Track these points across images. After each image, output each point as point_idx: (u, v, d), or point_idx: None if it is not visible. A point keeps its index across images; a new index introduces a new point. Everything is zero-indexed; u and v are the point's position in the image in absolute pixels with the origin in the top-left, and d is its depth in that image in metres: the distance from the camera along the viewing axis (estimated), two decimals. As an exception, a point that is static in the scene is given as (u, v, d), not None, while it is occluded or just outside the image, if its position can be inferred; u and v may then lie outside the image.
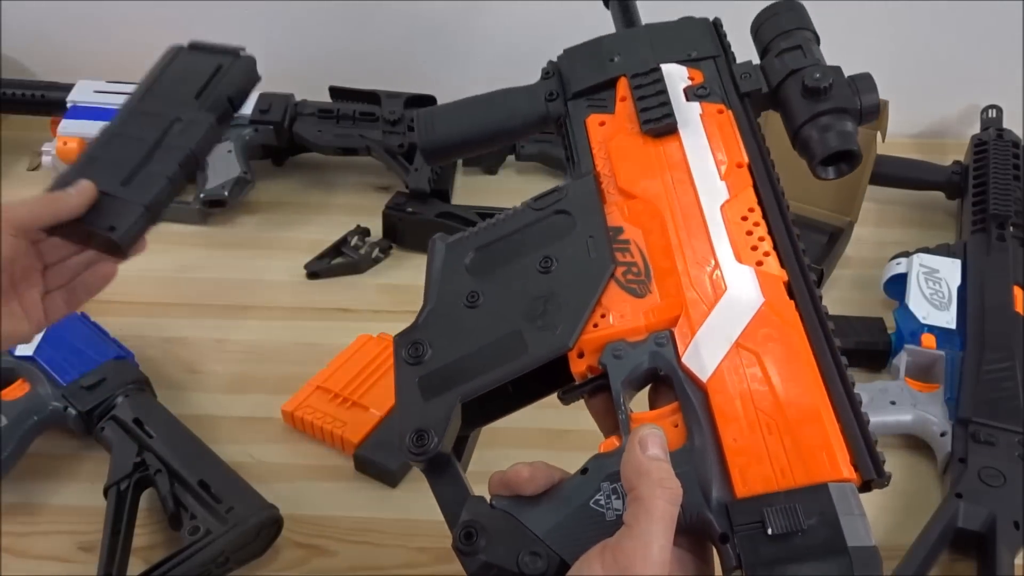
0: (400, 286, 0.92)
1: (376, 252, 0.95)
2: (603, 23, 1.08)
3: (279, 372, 0.82)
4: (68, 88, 1.05)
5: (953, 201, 1.01)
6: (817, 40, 0.56)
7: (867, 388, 0.75)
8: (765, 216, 0.48)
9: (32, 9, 1.12)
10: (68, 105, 1.04)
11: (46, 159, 1.05)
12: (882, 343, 0.81)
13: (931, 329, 0.79)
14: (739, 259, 0.45)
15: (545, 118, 0.56)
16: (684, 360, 0.43)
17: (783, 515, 0.37)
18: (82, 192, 0.60)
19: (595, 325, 0.45)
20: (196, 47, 0.74)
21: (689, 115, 0.51)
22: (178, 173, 0.66)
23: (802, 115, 0.52)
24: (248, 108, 1.04)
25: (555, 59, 0.58)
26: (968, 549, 0.66)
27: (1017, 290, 0.81)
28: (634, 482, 0.39)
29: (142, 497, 0.69)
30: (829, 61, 0.55)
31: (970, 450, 0.69)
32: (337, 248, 0.95)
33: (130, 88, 1.05)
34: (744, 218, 0.47)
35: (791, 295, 0.45)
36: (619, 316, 0.45)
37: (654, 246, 0.47)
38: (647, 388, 0.47)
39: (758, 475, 0.39)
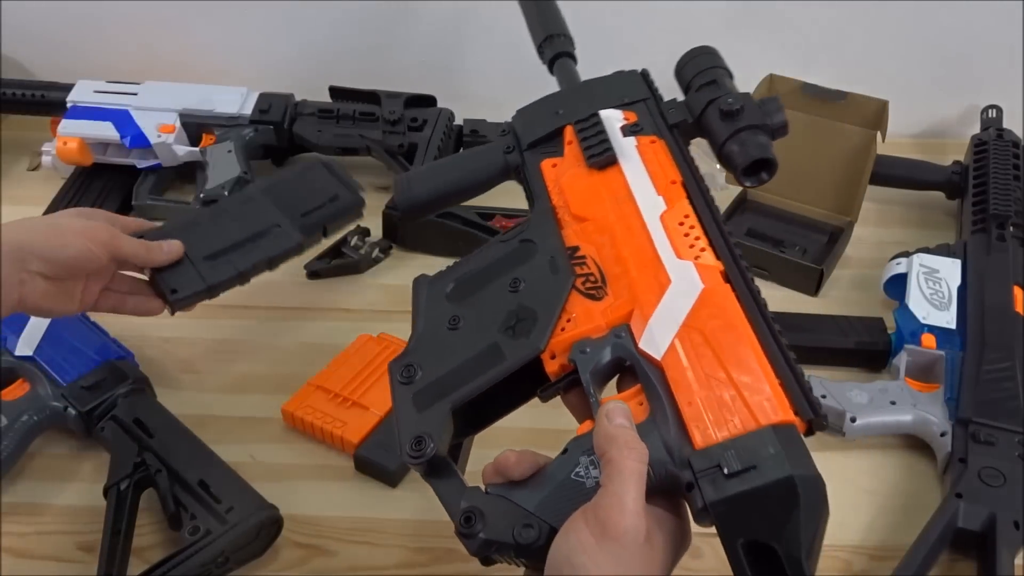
0: (400, 286, 0.91)
1: (376, 252, 0.95)
2: (603, 22, 1.09)
3: (279, 372, 0.82)
4: (68, 88, 1.05)
5: (953, 201, 1.01)
6: (730, 75, 0.65)
7: (867, 388, 0.75)
8: (700, 220, 0.56)
9: (32, 9, 1.12)
10: (68, 105, 1.04)
11: (46, 159, 1.05)
12: (882, 343, 0.81)
13: (931, 329, 0.79)
14: (679, 256, 0.53)
15: (506, 169, 0.65)
16: (641, 346, 0.50)
17: (736, 456, 0.44)
18: (171, 252, 0.71)
19: (562, 329, 0.53)
20: (329, 169, 0.82)
21: (627, 148, 0.61)
22: (249, 271, 0.75)
23: (723, 134, 0.61)
24: (248, 108, 1.04)
25: (510, 120, 0.67)
26: (968, 549, 0.66)
27: (1017, 290, 0.81)
28: (605, 448, 0.45)
29: (142, 497, 0.69)
30: (830, 61, 0.60)
31: (970, 450, 0.69)
32: (337, 248, 0.95)
33: (130, 88, 1.06)
34: (681, 223, 0.55)
35: (728, 280, 0.52)
36: (582, 319, 0.53)
37: (607, 257, 0.55)
38: (616, 381, 0.53)
39: (711, 427, 0.46)
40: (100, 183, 1.03)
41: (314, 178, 0.82)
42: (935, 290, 0.82)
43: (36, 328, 0.78)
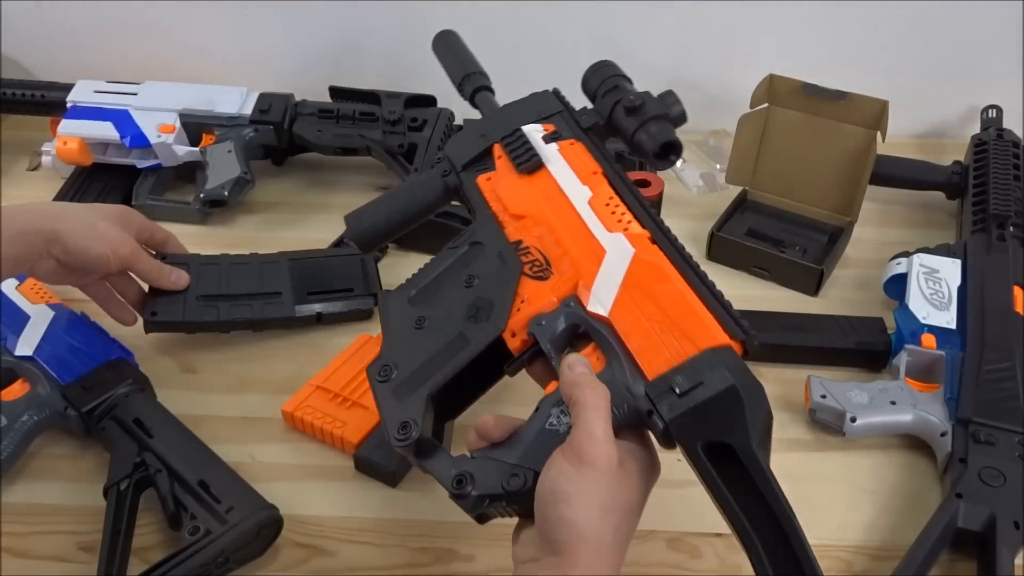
0: (400, 286, 0.92)
1: (375, 252, 0.95)
2: (602, 23, 1.09)
3: (279, 372, 0.82)
4: (68, 88, 1.05)
5: (953, 201, 1.02)
6: (629, 81, 0.73)
7: (867, 388, 0.75)
8: (623, 200, 0.63)
9: (32, 9, 1.12)
10: (68, 105, 1.04)
11: (46, 159, 1.05)
12: (882, 343, 0.81)
13: (931, 329, 0.79)
14: (610, 230, 0.61)
15: (447, 190, 0.72)
16: (589, 308, 0.58)
17: (684, 378, 0.51)
18: (176, 283, 0.80)
19: (518, 309, 0.60)
20: (364, 264, 0.87)
21: (550, 152, 0.68)
22: (229, 323, 0.82)
23: (631, 127, 0.69)
24: (248, 108, 1.04)
25: (443, 149, 0.75)
26: (968, 549, 0.66)
27: (1017, 290, 0.81)
28: (570, 392, 0.52)
29: (142, 497, 0.69)
30: (830, 61, 0.62)
31: (970, 450, 0.69)
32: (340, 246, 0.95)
33: (130, 88, 1.06)
34: (607, 204, 0.63)
35: (655, 243, 0.60)
36: (534, 298, 0.60)
37: (547, 244, 0.63)
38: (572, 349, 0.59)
39: (660, 361, 0.53)
40: (100, 183, 1.03)
41: (344, 265, 0.87)
42: (935, 290, 0.82)
43: (36, 328, 0.78)
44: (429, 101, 1.05)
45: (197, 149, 1.03)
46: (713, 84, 1.13)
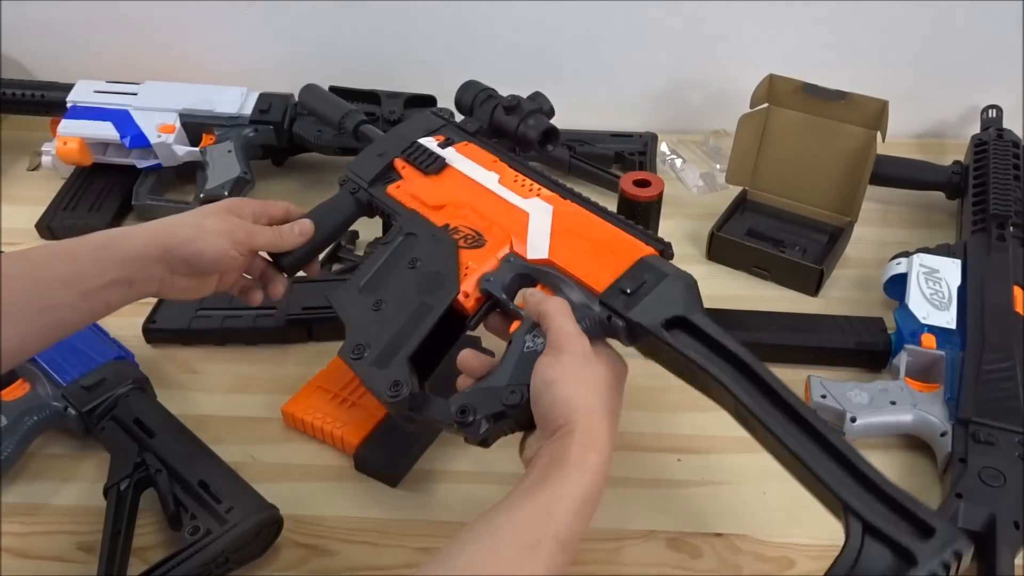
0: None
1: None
2: (602, 22, 1.09)
3: (279, 372, 0.82)
4: (68, 88, 1.05)
5: (953, 201, 1.02)
6: (493, 91, 0.85)
7: (867, 388, 0.75)
8: (527, 176, 0.75)
9: (32, 9, 1.12)
10: (68, 105, 1.04)
11: (46, 159, 1.05)
12: (882, 343, 0.81)
13: (931, 329, 0.79)
14: (525, 198, 0.72)
15: (359, 205, 0.78)
16: (529, 257, 0.68)
17: (629, 281, 0.63)
18: (302, 234, 0.75)
19: (465, 275, 0.67)
20: None
21: (450, 154, 0.78)
22: (215, 335, 0.85)
23: (513, 124, 0.81)
24: (248, 108, 1.04)
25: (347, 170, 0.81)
26: (968, 549, 0.66)
27: (1017, 290, 0.81)
28: (537, 308, 0.61)
29: (142, 497, 0.69)
30: (830, 61, 0.66)
31: (970, 450, 0.69)
32: (334, 253, 0.95)
33: (129, 88, 1.06)
34: (515, 180, 0.74)
35: (565, 199, 0.72)
36: (477, 262, 0.68)
37: (473, 220, 0.72)
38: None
39: (604, 277, 0.64)
40: (100, 183, 1.04)
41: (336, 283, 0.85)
42: (935, 290, 0.82)
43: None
44: (429, 101, 1.05)
45: (197, 149, 1.03)
46: (713, 84, 1.13)
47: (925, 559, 0.47)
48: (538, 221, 0.70)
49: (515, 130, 0.81)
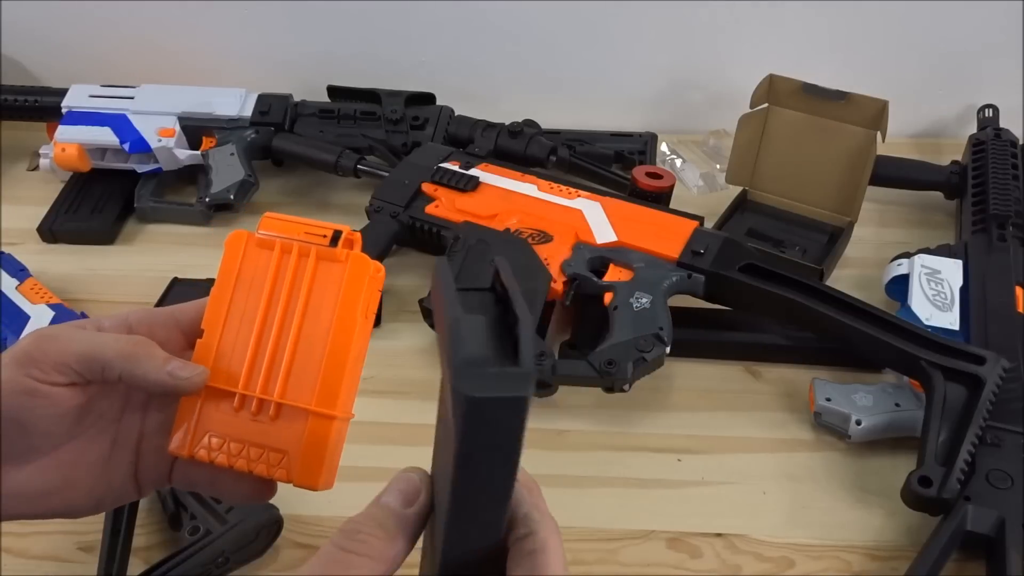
0: (401, 285, 0.92)
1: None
2: (602, 22, 1.09)
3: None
4: (62, 93, 1.04)
5: (952, 201, 1.01)
6: (488, 121, 0.99)
7: (871, 389, 0.75)
8: (561, 184, 0.85)
9: (32, 9, 1.12)
10: (63, 111, 1.03)
11: (44, 161, 1.05)
12: (883, 343, 0.81)
13: (934, 330, 0.79)
14: (570, 199, 0.84)
15: (402, 226, 0.86)
16: (598, 242, 0.80)
17: (695, 245, 0.79)
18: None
19: (547, 265, 0.78)
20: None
21: (479, 173, 0.87)
22: None
23: (521, 146, 0.97)
24: (247, 110, 1.04)
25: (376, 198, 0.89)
26: (977, 552, 0.65)
27: (1019, 290, 0.81)
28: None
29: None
30: (830, 61, 0.68)
31: (976, 452, 0.68)
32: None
33: (125, 92, 1.05)
34: (551, 187, 0.85)
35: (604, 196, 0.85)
36: (552, 255, 0.79)
37: (530, 221, 0.82)
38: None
39: (673, 247, 0.79)
40: (100, 186, 1.03)
41: None
42: (937, 291, 0.82)
43: (35, 328, 0.77)
44: (429, 99, 1.05)
45: (199, 153, 1.02)
46: (713, 84, 1.13)
47: (990, 378, 0.68)
48: (593, 214, 0.81)
49: (524, 151, 0.95)
